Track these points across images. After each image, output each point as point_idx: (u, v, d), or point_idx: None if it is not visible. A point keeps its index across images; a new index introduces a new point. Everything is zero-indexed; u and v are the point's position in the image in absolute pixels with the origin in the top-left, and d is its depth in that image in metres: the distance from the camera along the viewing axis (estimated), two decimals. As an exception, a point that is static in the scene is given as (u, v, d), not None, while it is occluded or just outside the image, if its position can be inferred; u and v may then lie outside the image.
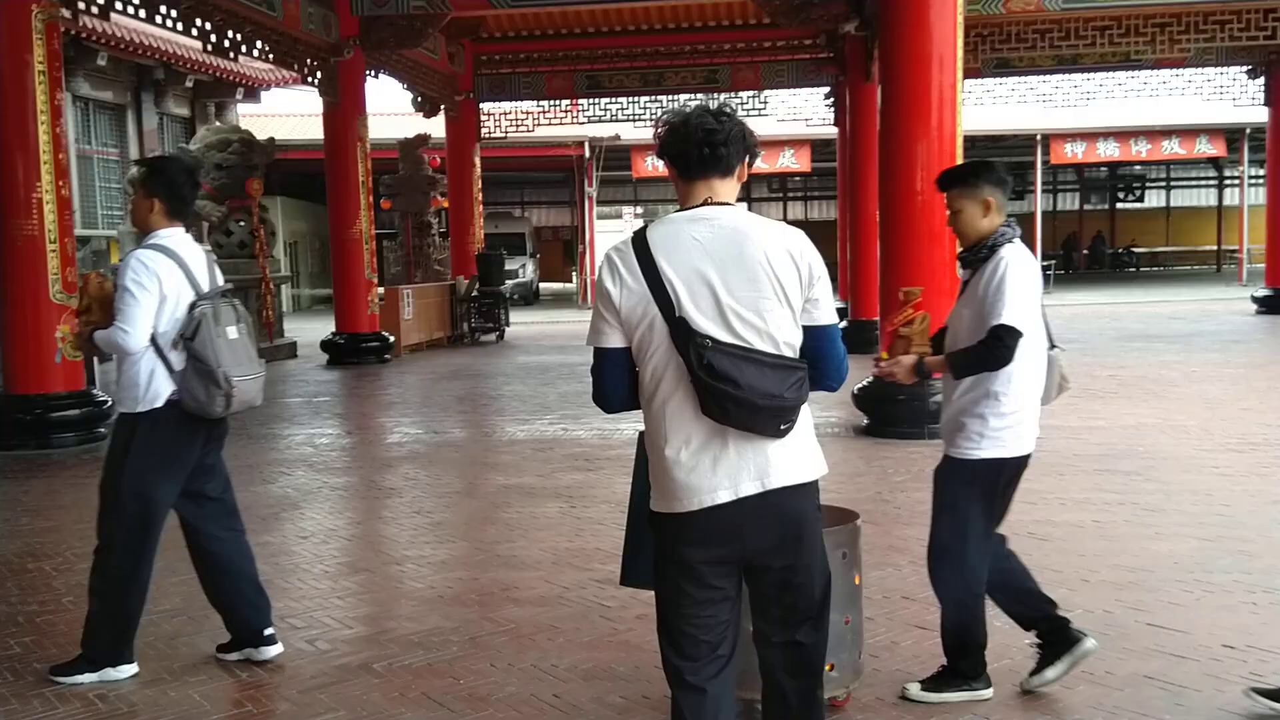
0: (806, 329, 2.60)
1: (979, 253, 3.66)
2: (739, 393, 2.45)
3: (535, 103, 20.97)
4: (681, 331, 2.49)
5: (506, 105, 20.79)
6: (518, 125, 21.04)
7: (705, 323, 2.50)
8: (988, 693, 3.71)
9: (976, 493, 3.68)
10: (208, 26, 12.25)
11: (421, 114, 19.29)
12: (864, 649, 3.88)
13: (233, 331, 4.02)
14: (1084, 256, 38.37)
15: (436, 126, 20.12)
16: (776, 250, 2.56)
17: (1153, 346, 14.50)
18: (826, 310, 2.62)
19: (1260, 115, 19.99)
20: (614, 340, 2.59)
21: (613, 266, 2.57)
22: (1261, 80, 19.18)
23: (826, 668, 3.58)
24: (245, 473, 7.97)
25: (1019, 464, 3.68)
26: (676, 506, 2.57)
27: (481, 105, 20.22)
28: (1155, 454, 7.73)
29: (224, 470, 4.25)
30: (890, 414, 8.84)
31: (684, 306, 2.50)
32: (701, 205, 2.61)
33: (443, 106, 19.11)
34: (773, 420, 2.52)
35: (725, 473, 2.54)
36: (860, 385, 9.30)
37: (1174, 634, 4.22)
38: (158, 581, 4.40)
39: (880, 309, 9.39)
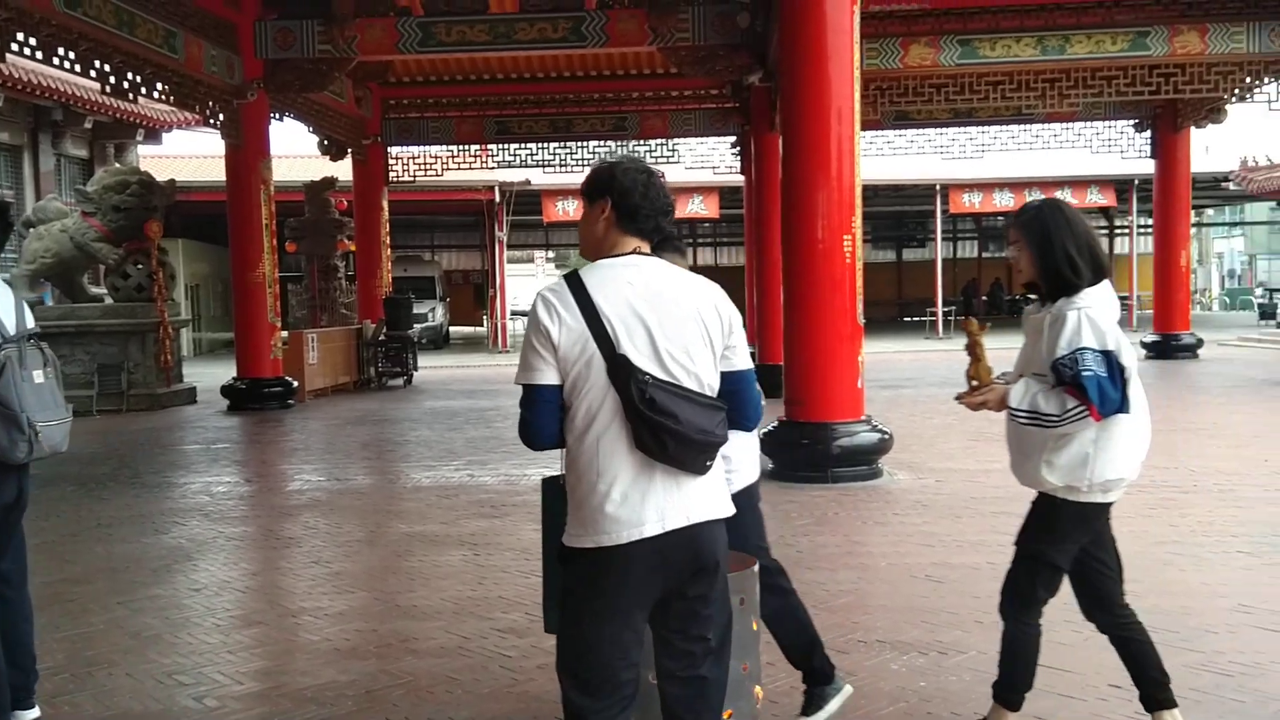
0: (726, 374, 2.76)
1: None
2: (678, 427, 2.57)
3: (444, 147, 20.98)
4: (622, 368, 2.59)
5: (415, 149, 20.75)
6: (426, 169, 21.00)
7: (643, 360, 2.61)
8: (849, 687, 3.90)
9: (759, 515, 3.94)
10: (106, 68, 12.02)
11: (328, 157, 19.15)
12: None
13: (38, 376, 3.90)
14: (983, 302, 39.43)
15: (344, 169, 19.98)
16: (702, 300, 2.73)
17: (1048, 390, 14.88)
18: (743, 356, 2.80)
19: (1147, 167, 20.86)
20: (549, 377, 2.65)
21: (549, 305, 2.65)
22: (1148, 133, 20.05)
23: (725, 716, 3.60)
24: (137, 523, 7.74)
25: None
26: (604, 540, 2.63)
27: (390, 149, 20.16)
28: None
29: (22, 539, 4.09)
30: (795, 458, 8.94)
31: (623, 344, 2.61)
32: (631, 254, 2.75)
33: (350, 150, 18.99)
34: (701, 455, 2.66)
35: (654, 506, 2.63)
36: (766, 429, 9.40)
37: (1063, 674, 4.31)
38: (39, 638, 4.24)
39: (785, 354, 9.50)
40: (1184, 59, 14.69)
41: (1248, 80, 15.75)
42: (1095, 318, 3.29)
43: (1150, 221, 23.08)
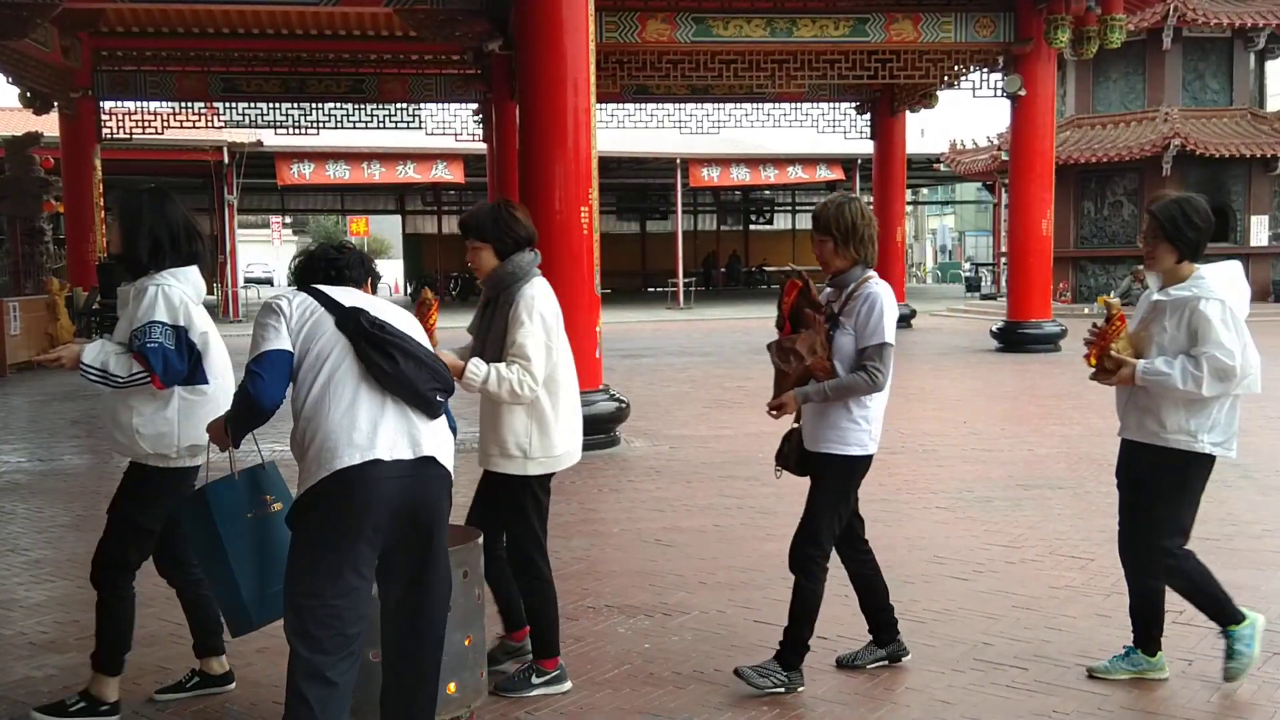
0: None
1: None
2: (406, 344, 2.90)
3: (166, 103, 19.69)
4: (353, 314, 2.92)
5: (132, 104, 19.37)
6: (145, 127, 19.64)
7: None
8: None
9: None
10: None
11: (31, 110, 17.60)
12: (486, 667, 3.89)
13: None
14: (722, 274, 40.85)
15: (51, 124, 18.43)
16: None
17: (777, 358, 15.60)
18: None
19: (870, 147, 22.13)
20: (282, 343, 2.91)
21: (282, 297, 3.03)
22: (868, 116, 21.25)
23: (449, 689, 3.59)
24: None
25: None
26: (336, 464, 2.81)
27: (103, 103, 18.74)
28: (772, 459, 8.29)
29: None
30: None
31: (351, 305, 2.98)
32: None
33: (56, 103, 17.52)
34: (431, 384, 2.93)
35: (384, 437, 2.86)
36: (504, 400, 9.39)
37: (776, 629, 4.50)
38: None
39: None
40: (899, 46, 15.64)
41: (955, 68, 16.97)
42: (170, 295, 3.59)
43: (871, 199, 24.55)
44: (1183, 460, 3.75)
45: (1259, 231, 24.58)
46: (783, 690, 3.88)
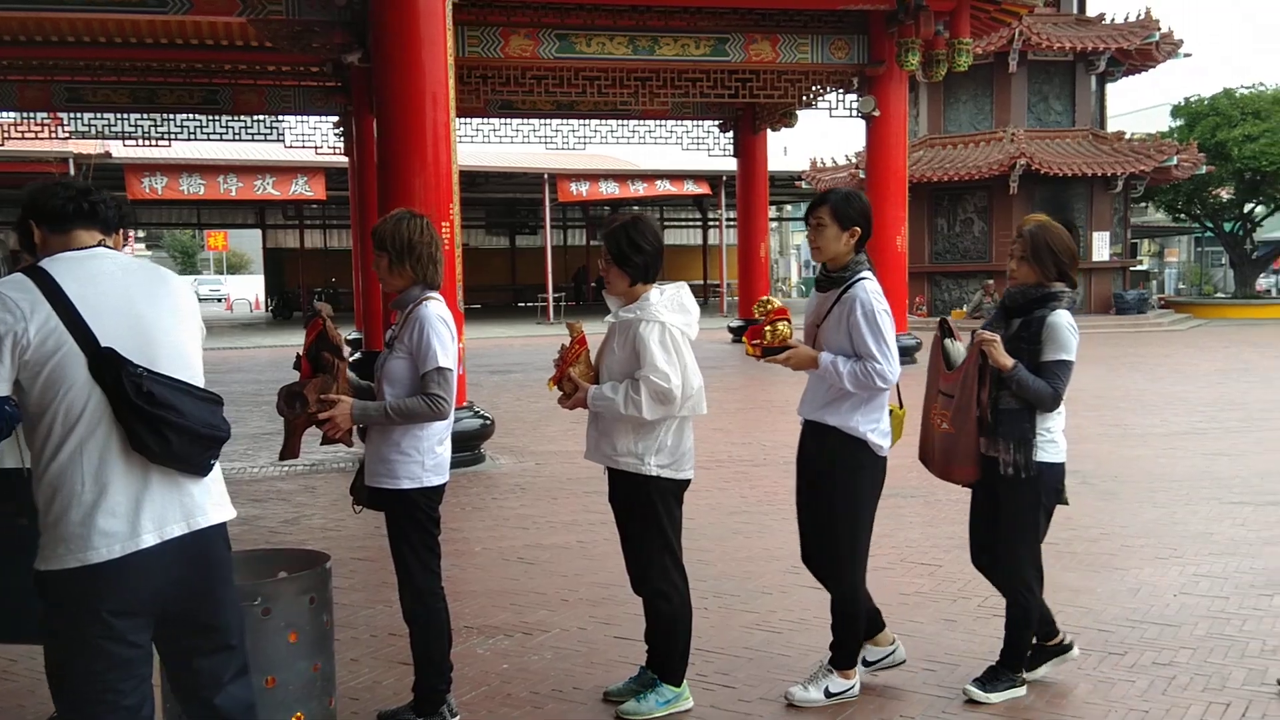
0: None
1: None
2: (181, 420, 2.43)
3: (5, 114, 18.79)
4: (111, 363, 2.38)
5: (-32, 115, 18.46)
6: (-17, 138, 18.73)
7: (133, 355, 2.44)
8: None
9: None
10: None
11: None
12: (339, 693, 3.80)
13: None
14: (592, 288, 40.94)
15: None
16: (187, 293, 2.64)
17: (644, 373, 15.69)
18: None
19: (734, 165, 22.49)
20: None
21: (8, 301, 2.39)
22: (731, 134, 21.60)
23: (296, 718, 3.49)
24: None
25: None
26: (93, 557, 2.40)
27: (-64, 114, 17.80)
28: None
29: None
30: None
31: (108, 338, 2.42)
32: (97, 245, 2.59)
33: (-117, 112, 16.56)
34: (207, 451, 2.53)
35: (150, 515, 2.46)
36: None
37: (635, 644, 4.54)
38: None
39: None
40: (758, 66, 15.93)
41: (813, 88, 17.40)
42: None
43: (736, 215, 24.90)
44: (639, 483, 3.78)
45: (1101, 247, 25.82)
46: None
